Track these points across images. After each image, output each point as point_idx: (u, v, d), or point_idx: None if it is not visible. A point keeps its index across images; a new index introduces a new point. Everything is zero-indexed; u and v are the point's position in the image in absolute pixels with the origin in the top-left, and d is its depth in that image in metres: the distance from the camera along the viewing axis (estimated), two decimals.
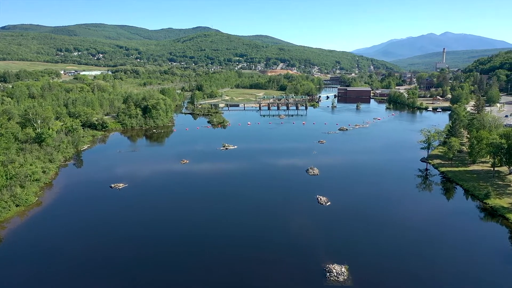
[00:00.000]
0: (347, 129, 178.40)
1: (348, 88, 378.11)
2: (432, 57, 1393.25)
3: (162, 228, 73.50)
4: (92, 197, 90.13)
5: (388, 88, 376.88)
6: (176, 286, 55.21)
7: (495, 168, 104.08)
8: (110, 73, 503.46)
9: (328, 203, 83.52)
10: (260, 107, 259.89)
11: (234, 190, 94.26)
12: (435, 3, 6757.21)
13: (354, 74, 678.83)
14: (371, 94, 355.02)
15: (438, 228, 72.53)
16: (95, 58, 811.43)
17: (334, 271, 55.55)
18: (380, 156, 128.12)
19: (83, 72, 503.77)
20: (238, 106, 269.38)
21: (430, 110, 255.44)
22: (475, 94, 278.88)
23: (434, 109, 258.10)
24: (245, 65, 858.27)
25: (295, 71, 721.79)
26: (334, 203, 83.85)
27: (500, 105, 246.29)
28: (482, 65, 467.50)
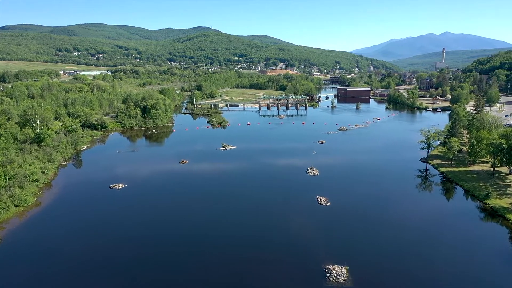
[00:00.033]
0: (346, 129, 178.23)
1: (348, 88, 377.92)
2: (432, 57, 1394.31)
3: (162, 228, 73.23)
4: (91, 197, 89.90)
5: (388, 88, 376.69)
6: (176, 286, 55.01)
7: (495, 168, 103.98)
8: (109, 73, 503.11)
9: (328, 204, 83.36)
10: (259, 107, 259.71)
11: (234, 190, 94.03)
12: (435, 3, 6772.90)
13: (353, 74, 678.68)
14: (371, 94, 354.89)
15: (438, 229, 72.33)
16: (95, 58, 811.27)
17: (334, 272, 55.34)
18: (380, 156, 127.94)
19: (82, 72, 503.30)
20: (237, 106, 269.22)
21: (430, 110, 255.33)
22: (475, 94, 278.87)
23: (434, 109, 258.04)
24: (244, 65, 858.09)
25: (295, 71, 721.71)
26: (334, 203, 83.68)
27: (500, 105, 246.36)
28: (482, 65, 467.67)
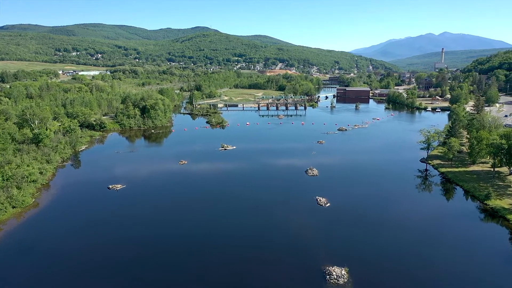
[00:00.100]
0: (346, 129, 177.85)
1: (347, 88, 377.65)
2: (431, 57, 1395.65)
3: (162, 228, 72.86)
4: (89, 198, 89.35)
5: (387, 88, 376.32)
6: (176, 286, 54.77)
7: (495, 168, 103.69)
8: (108, 73, 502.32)
9: (328, 204, 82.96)
10: (259, 107, 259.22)
11: (233, 191, 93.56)
12: (434, 3, 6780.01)
13: (353, 74, 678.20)
14: (370, 94, 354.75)
15: (438, 229, 71.99)
16: (94, 58, 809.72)
17: (334, 273, 54.91)
18: (379, 156, 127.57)
19: (81, 72, 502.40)
20: (237, 106, 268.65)
21: (429, 110, 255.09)
22: (474, 94, 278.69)
23: (433, 109, 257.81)
24: (244, 65, 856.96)
25: (294, 71, 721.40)
26: (334, 204, 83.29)
27: (499, 105, 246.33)
28: (481, 65, 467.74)
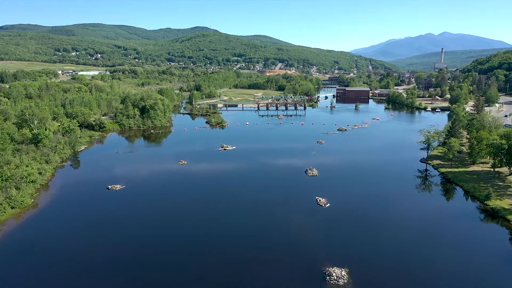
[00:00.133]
0: (346, 129, 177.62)
1: (347, 88, 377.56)
2: (431, 57, 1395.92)
3: (161, 228, 72.64)
4: (88, 198, 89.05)
5: (387, 88, 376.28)
6: (176, 286, 54.64)
7: (495, 169, 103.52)
8: (108, 73, 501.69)
9: (328, 205, 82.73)
10: (258, 107, 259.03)
11: (233, 191, 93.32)
12: (433, 3, 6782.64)
13: (352, 74, 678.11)
14: (370, 94, 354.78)
15: (439, 229, 71.81)
16: (93, 58, 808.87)
17: (334, 274, 54.66)
18: (379, 156, 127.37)
19: (81, 72, 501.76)
20: (236, 106, 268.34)
21: (429, 110, 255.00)
22: (474, 94, 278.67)
23: (433, 109, 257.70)
24: (243, 65, 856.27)
25: (294, 71, 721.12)
26: (334, 204, 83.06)
27: (499, 105, 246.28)
28: (481, 65, 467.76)
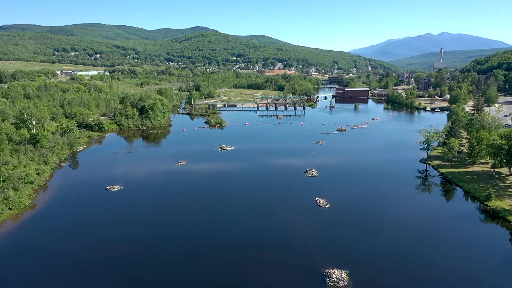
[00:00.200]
0: (345, 129, 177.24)
1: (346, 88, 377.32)
2: (430, 57, 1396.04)
3: (161, 228, 72.33)
4: (87, 199, 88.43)
5: (386, 88, 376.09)
6: (176, 286, 54.39)
7: (496, 169, 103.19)
8: (107, 73, 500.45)
9: (327, 206, 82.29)
10: (258, 107, 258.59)
11: (232, 191, 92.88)
12: (433, 3, 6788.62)
13: (351, 74, 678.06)
14: (369, 94, 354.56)
15: (439, 230, 71.48)
16: (92, 58, 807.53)
17: (334, 276, 54.23)
18: (379, 157, 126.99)
19: (80, 72, 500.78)
20: (235, 106, 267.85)
21: (428, 110, 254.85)
22: (473, 94, 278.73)
23: (433, 109, 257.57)
24: (242, 65, 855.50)
25: (293, 71, 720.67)
26: (333, 205, 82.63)
27: (499, 105, 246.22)
28: (480, 65, 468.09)
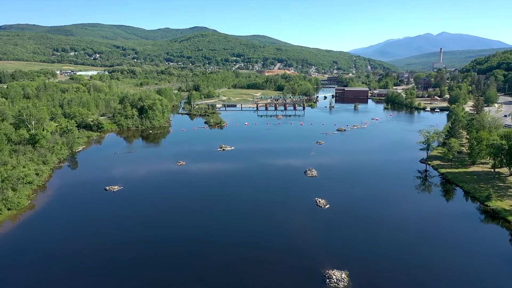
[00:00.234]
0: (345, 129, 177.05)
1: (346, 88, 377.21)
2: (429, 57, 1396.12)
3: (160, 228, 72.19)
4: (86, 200, 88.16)
5: (386, 88, 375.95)
6: (176, 286, 54.28)
7: (496, 169, 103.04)
8: (106, 73, 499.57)
9: (327, 206, 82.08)
10: (257, 107, 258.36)
11: (232, 191, 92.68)
12: (432, 3, 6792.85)
13: (351, 74, 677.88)
14: (369, 94, 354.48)
15: (439, 230, 71.33)
16: (92, 58, 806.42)
17: (334, 277, 54.02)
18: (379, 157, 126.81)
19: (79, 72, 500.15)
20: (235, 106, 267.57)
21: (428, 110, 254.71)
22: (473, 94, 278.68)
23: (432, 109, 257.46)
24: (242, 65, 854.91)
25: (293, 71, 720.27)
26: (333, 205, 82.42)
27: (498, 105, 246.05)
28: (480, 65, 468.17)
